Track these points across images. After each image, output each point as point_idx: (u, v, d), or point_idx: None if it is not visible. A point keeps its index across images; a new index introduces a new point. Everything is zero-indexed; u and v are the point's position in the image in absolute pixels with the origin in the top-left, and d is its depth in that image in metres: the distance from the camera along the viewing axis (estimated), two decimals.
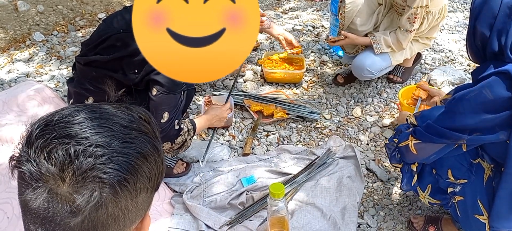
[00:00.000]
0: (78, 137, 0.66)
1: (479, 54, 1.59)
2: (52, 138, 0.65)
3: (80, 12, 3.61)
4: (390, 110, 2.61)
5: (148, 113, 0.80)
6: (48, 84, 2.76)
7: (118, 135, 0.69)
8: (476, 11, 1.57)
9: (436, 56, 3.09)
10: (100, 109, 0.72)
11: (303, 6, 4.00)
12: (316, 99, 2.70)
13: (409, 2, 2.34)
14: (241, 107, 2.61)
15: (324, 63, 3.06)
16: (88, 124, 0.68)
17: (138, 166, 0.69)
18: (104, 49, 1.92)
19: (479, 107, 1.44)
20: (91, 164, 0.64)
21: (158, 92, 1.87)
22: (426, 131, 1.54)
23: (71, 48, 3.17)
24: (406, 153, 1.64)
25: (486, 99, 1.43)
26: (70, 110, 0.71)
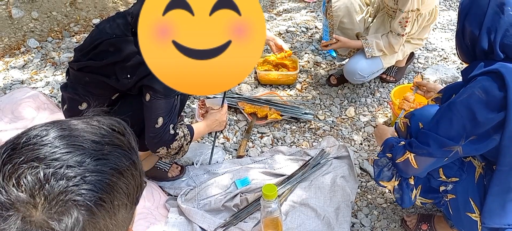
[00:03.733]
0: (47, 158, 0.62)
1: (468, 53, 1.60)
2: (20, 162, 0.62)
3: (75, 18, 3.62)
4: (384, 110, 2.63)
5: (123, 123, 0.76)
6: (43, 90, 2.77)
7: (90, 152, 0.65)
8: (465, 9, 1.58)
9: (429, 55, 3.11)
10: (69, 126, 0.69)
11: (296, 8, 4.01)
12: (310, 100, 2.72)
13: (400, 5, 2.35)
14: (235, 109, 2.62)
15: (317, 64, 3.08)
16: (57, 143, 0.65)
17: (113, 183, 0.65)
18: (97, 55, 1.93)
19: (473, 108, 1.42)
20: (63, 186, 0.61)
21: (151, 97, 1.88)
22: (422, 142, 1.51)
23: (65, 54, 3.18)
24: (406, 168, 1.57)
25: (480, 100, 1.42)
26: (39, 130, 0.67)
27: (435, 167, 1.59)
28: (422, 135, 1.54)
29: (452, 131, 1.47)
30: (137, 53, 1.87)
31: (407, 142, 1.59)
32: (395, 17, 2.42)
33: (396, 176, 1.67)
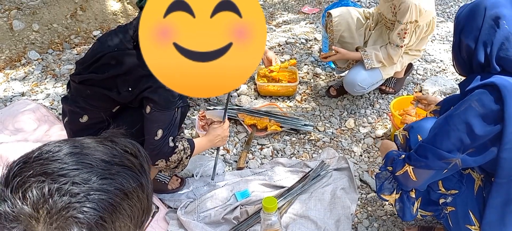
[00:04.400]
0: (55, 174, 0.63)
1: (465, 66, 1.61)
2: (28, 176, 0.63)
3: (75, 30, 3.64)
4: (383, 121, 2.64)
5: (136, 145, 0.77)
6: (43, 102, 2.78)
7: (97, 170, 0.66)
8: (461, 24, 1.59)
9: (428, 67, 3.13)
10: (82, 144, 0.70)
11: (296, 19, 4.04)
12: (310, 112, 2.73)
13: (399, 17, 2.37)
14: (235, 121, 2.63)
15: (317, 76, 3.10)
16: (67, 159, 0.66)
17: (117, 204, 0.65)
18: (98, 68, 1.94)
19: (470, 121, 1.44)
20: (66, 203, 0.61)
21: (152, 109, 1.89)
22: (420, 155, 1.52)
23: (66, 66, 3.20)
24: (405, 180, 1.58)
25: (476, 113, 1.44)
26: (52, 146, 0.69)
27: (435, 179, 1.59)
28: (421, 147, 1.55)
29: (449, 143, 1.48)
30: (139, 66, 1.89)
31: (406, 155, 1.60)
32: (394, 28, 2.44)
33: (397, 189, 1.68)
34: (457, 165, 1.50)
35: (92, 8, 3.79)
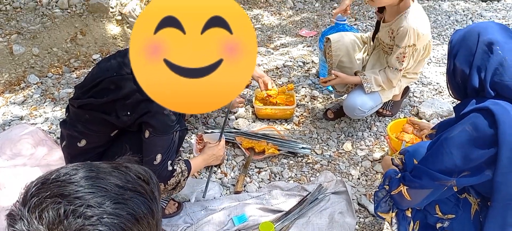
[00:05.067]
0: (71, 196, 0.66)
1: (460, 91, 1.63)
2: (46, 196, 0.66)
3: (75, 53, 3.68)
4: (381, 144, 2.65)
5: (149, 172, 0.80)
6: (42, 126, 2.79)
7: (111, 195, 0.68)
8: (455, 49, 1.62)
9: (424, 89, 3.15)
10: (97, 169, 0.73)
11: (293, 42, 4.09)
12: (307, 135, 2.74)
13: (398, 41, 2.40)
14: (233, 144, 2.64)
15: (314, 98, 3.12)
16: (83, 183, 0.69)
17: (128, 229, 0.68)
18: (97, 92, 1.96)
19: (464, 145, 1.45)
20: (80, 224, 0.64)
21: (150, 134, 1.90)
22: (415, 176, 1.53)
23: (65, 90, 3.22)
24: (400, 199, 1.60)
25: (470, 137, 1.45)
26: (69, 169, 0.72)
27: (430, 200, 1.60)
28: (416, 169, 1.57)
29: (443, 166, 1.49)
30: (137, 91, 1.90)
31: (402, 175, 1.62)
32: (392, 52, 2.46)
33: (393, 208, 1.69)
34: (452, 186, 1.51)
35: (92, 32, 3.84)
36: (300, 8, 4.88)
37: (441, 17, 4.27)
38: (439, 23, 4.17)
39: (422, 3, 4.63)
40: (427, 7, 4.49)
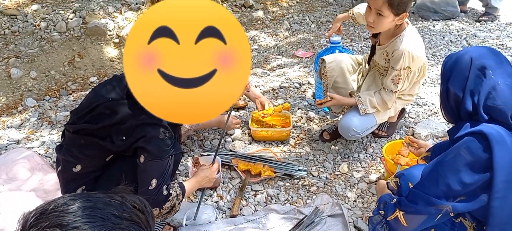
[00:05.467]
0: (69, 226, 0.68)
1: (453, 114, 1.64)
2: (45, 226, 0.68)
3: (73, 76, 3.70)
4: (377, 165, 2.65)
5: (144, 202, 0.83)
6: (38, 150, 2.79)
7: (108, 224, 0.71)
8: (447, 73, 1.64)
9: (420, 110, 3.17)
10: (94, 199, 0.75)
11: (290, 63, 4.12)
12: (304, 156, 2.74)
13: (393, 63, 2.42)
14: (229, 167, 2.64)
15: (310, 120, 3.13)
16: (81, 213, 0.71)
17: None
18: (93, 117, 1.96)
19: (459, 169, 1.45)
20: None
21: (146, 159, 1.90)
22: (410, 201, 1.53)
23: (62, 113, 3.23)
24: (396, 225, 1.59)
25: (465, 161, 1.46)
26: (67, 199, 0.74)
27: (427, 225, 1.59)
28: (411, 193, 1.57)
29: (439, 190, 1.49)
30: (132, 116, 1.91)
31: (397, 200, 1.61)
32: (387, 74, 2.48)
33: None
34: (448, 212, 1.50)
35: (90, 55, 3.86)
36: (296, 29, 4.93)
37: (435, 37, 4.32)
38: (433, 43, 4.21)
39: (416, 24, 4.68)
40: (422, 28, 4.54)
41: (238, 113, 3.19)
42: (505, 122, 1.52)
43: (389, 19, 2.29)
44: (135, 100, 1.92)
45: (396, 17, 2.30)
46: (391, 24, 2.34)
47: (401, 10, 2.27)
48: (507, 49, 3.99)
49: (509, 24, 4.57)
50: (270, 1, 5.42)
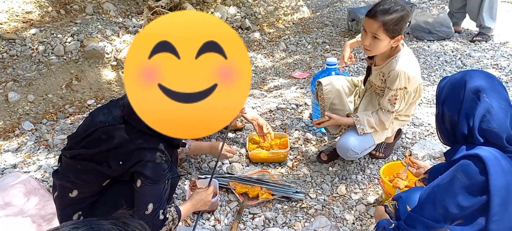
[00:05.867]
0: None
1: (449, 137, 1.66)
2: None
3: (70, 99, 3.71)
4: (374, 187, 2.65)
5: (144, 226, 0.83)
6: (35, 174, 2.77)
7: None
8: (443, 96, 1.66)
9: (416, 130, 3.18)
10: (98, 226, 0.75)
11: (286, 84, 4.14)
12: (301, 178, 2.74)
13: (389, 84, 2.44)
14: (226, 190, 2.63)
15: (308, 141, 3.13)
16: None
17: None
18: (90, 142, 1.96)
19: (457, 192, 1.47)
20: None
21: (142, 183, 1.90)
22: (409, 224, 1.54)
23: (59, 136, 3.22)
24: None
25: (462, 184, 1.47)
26: (70, 227, 0.74)
27: None
28: (409, 217, 1.57)
29: (437, 213, 1.49)
30: (129, 141, 1.92)
31: (396, 225, 1.61)
32: (384, 95, 2.50)
33: None
34: None
35: (87, 78, 3.88)
36: (293, 50, 4.97)
37: (430, 58, 4.36)
38: (428, 64, 4.25)
39: (411, 44, 4.73)
40: (417, 48, 4.59)
41: (235, 135, 3.20)
42: (500, 145, 1.53)
43: (385, 42, 2.32)
44: (132, 125, 1.93)
45: (392, 40, 2.33)
46: (387, 47, 2.37)
47: (396, 33, 2.31)
48: (501, 69, 4.03)
49: (503, 44, 4.63)
50: (266, 23, 5.48)
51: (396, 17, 2.26)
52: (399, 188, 2.15)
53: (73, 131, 3.26)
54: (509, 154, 1.54)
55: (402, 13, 2.29)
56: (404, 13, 2.30)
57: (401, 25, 2.30)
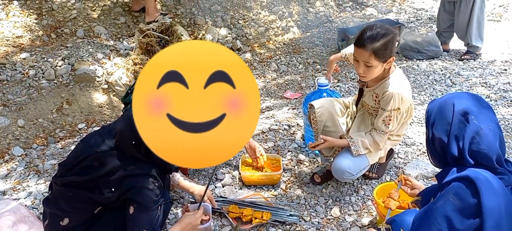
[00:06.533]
0: None
1: (440, 159, 1.67)
2: None
3: (61, 123, 3.68)
4: (368, 208, 2.64)
5: None
6: (25, 201, 2.73)
7: None
8: (432, 118, 1.68)
9: (408, 150, 3.20)
10: None
11: (278, 105, 4.16)
12: (295, 201, 2.72)
13: (383, 105, 2.46)
14: (219, 213, 2.61)
15: (300, 162, 3.13)
16: None
17: None
18: (81, 170, 1.95)
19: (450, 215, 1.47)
20: None
21: (135, 210, 1.89)
22: None
23: (50, 161, 3.19)
24: None
25: (455, 206, 1.48)
26: None
27: None
28: None
29: None
30: (121, 167, 1.91)
31: None
32: (378, 115, 2.51)
33: None
34: None
35: (78, 102, 3.86)
36: (284, 70, 5.00)
37: (420, 77, 4.41)
38: (418, 83, 4.29)
39: (401, 63, 4.79)
40: (406, 67, 4.64)
41: None
42: (491, 166, 1.55)
43: (378, 68, 2.35)
44: (124, 151, 1.92)
45: (384, 63, 2.36)
46: (380, 71, 2.40)
47: (388, 57, 2.33)
48: (490, 87, 4.09)
49: (491, 62, 4.70)
50: (257, 43, 5.52)
51: (385, 42, 2.30)
52: (391, 209, 2.15)
53: (63, 155, 3.23)
54: (499, 175, 1.56)
55: (389, 37, 2.32)
56: (391, 36, 2.33)
57: (390, 48, 2.33)
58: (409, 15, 6.47)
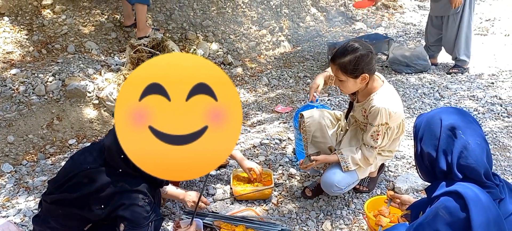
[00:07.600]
0: None
1: (429, 173, 1.69)
2: None
3: (51, 139, 3.65)
4: (359, 222, 2.65)
5: None
6: (14, 219, 2.70)
7: None
8: (420, 133, 1.70)
9: (398, 163, 3.22)
10: None
11: (269, 119, 4.17)
12: (287, 215, 2.73)
13: (371, 120, 2.49)
14: (211, 229, 2.60)
15: (292, 176, 3.14)
16: None
17: None
18: (71, 187, 1.94)
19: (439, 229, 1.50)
20: None
21: (125, 227, 1.88)
22: None
23: (40, 178, 3.16)
24: None
25: (445, 221, 1.50)
26: None
27: None
28: None
29: None
30: (111, 184, 1.90)
31: None
32: (367, 131, 2.53)
33: None
34: None
35: (69, 117, 3.84)
36: (275, 84, 5.03)
37: (409, 90, 4.46)
38: (407, 96, 4.34)
39: (390, 77, 4.84)
40: (395, 81, 4.70)
41: (219, 172, 3.18)
42: (479, 180, 1.57)
43: (350, 83, 2.40)
44: (113, 167, 1.92)
45: (357, 79, 2.39)
46: (357, 86, 2.43)
47: (358, 73, 2.37)
48: (478, 100, 4.15)
49: (478, 76, 4.77)
50: (248, 58, 5.55)
51: (351, 59, 2.34)
52: (382, 226, 2.16)
53: (54, 172, 3.20)
54: (487, 189, 1.58)
55: (358, 54, 2.35)
56: (362, 53, 2.36)
57: (360, 65, 2.36)
58: (398, 30, 6.57)
